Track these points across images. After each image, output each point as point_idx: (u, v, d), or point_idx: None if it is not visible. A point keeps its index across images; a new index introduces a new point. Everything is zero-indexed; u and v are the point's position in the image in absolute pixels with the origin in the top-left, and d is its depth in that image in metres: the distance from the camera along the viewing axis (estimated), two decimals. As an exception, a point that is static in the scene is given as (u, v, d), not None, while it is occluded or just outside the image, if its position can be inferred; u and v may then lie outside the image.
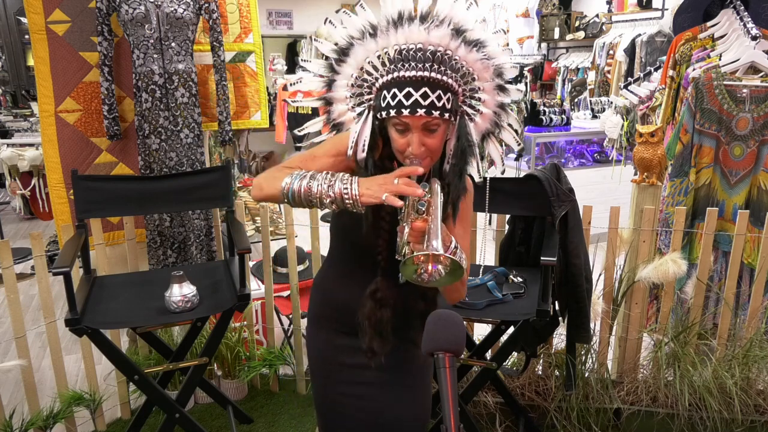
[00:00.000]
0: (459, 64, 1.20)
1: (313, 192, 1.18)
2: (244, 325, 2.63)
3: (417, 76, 1.15)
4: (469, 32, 1.20)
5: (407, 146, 1.19)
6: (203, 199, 2.36)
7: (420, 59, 1.16)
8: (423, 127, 1.17)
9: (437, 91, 1.15)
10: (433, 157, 1.22)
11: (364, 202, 1.15)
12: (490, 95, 1.27)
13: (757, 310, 2.37)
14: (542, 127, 4.93)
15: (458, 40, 1.19)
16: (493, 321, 2.13)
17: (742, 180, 2.49)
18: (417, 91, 1.14)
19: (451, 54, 1.19)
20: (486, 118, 1.29)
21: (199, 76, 2.55)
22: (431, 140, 1.19)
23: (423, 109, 1.14)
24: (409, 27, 1.18)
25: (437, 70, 1.17)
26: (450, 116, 1.18)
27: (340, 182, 1.17)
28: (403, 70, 1.17)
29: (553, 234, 2.06)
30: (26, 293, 3.85)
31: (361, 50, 1.23)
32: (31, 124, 5.06)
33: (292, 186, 1.19)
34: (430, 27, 1.17)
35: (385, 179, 1.16)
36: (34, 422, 2.19)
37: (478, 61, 1.21)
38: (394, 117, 1.17)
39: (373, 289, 1.28)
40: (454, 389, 1.10)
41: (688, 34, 2.65)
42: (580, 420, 2.28)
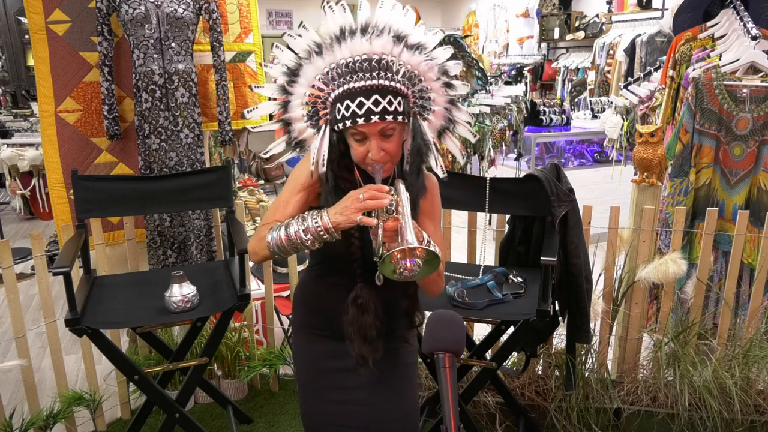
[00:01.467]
0: (404, 68, 1.25)
1: (292, 239, 1.24)
2: (244, 325, 2.63)
3: (366, 85, 1.21)
4: (409, 37, 1.25)
5: (367, 154, 1.24)
6: (203, 199, 2.36)
7: (366, 69, 1.22)
8: (379, 133, 1.22)
9: (387, 96, 1.20)
10: (394, 160, 1.27)
11: (340, 228, 1.20)
12: (438, 93, 1.33)
13: (757, 310, 2.37)
14: (542, 127, 4.93)
15: (400, 45, 1.24)
16: (493, 321, 2.13)
17: (742, 180, 2.49)
18: (368, 100, 1.19)
19: (395, 60, 1.24)
20: (439, 116, 1.35)
21: (199, 76, 2.55)
22: (389, 144, 1.23)
23: (376, 116, 1.19)
24: (352, 40, 1.23)
25: (384, 77, 1.22)
26: (403, 119, 1.23)
27: (311, 220, 1.22)
28: (352, 81, 1.22)
29: (553, 234, 2.06)
30: (26, 293, 3.85)
31: (310, 69, 1.29)
32: (31, 124, 5.06)
33: (274, 243, 1.26)
34: (372, 37, 1.23)
35: (351, 199, 1.19)
36: (34, 422, 2.19)
37: (422, 62, 1.27)
38: (350, 127, 1.22)
39: (354, 296, 1.31)
40: (454, 389, 1.10)
41: (688, 34, 2.65)
42: (580, 420, 2.28)
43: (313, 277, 1.46)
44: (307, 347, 1.47)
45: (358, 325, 1.30)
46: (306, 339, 1.47)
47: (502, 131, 3.69)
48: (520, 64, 7.82)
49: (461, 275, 2.17)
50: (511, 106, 3.73)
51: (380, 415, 1.42)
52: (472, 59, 3.59)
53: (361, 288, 1.31)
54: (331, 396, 1.43)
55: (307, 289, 1.48)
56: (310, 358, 1.47)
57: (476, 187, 2.21)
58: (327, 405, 1.44)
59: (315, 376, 1.45)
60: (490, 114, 3.59)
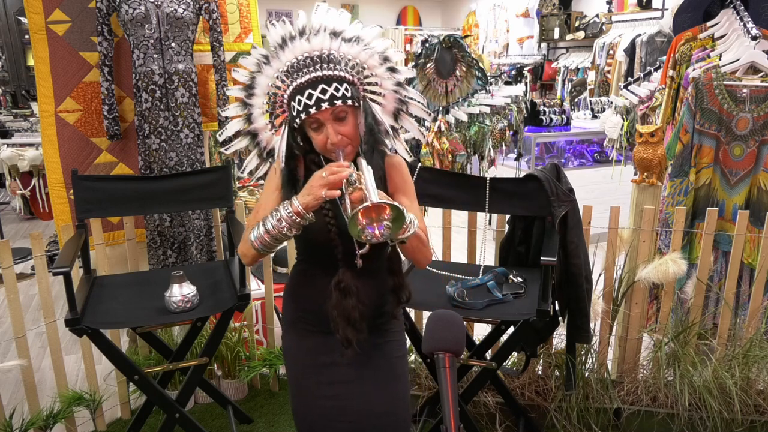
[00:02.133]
0: (345, 59, 1.37)
1: (271, 233, 1.30)
2: (244, 325, 2.63)
3: (312, 77, 1.31)
4: (345, 32, 1.39)
5: (326, 140, 1.32)
6: (203, 199, 2.36)
7: (309, 64, 1.34)
8: (333, 118, 1.31)
9: (333, 84, 1.30)
10: (354, 144, 1.35)
11: (310, 208, 1.27)
12: (384, 78, 1.44)
13: (757, 310, 2.37)
14: (542, 127, 4.93)
15: (337, 40, 1.37)
16: (493, 321, 2.13)
17: (742, 180, 2.49)
18: (316, 90, 1.29)
19: (334, 52, 1.36)
20: (390, 99, 1.47)
21: (199, 76, 2.55)
22: (344, 128, 1.32)
23: (325, 102, 1.28)
24: (293, 43, 1.36)
25: (327, 68, 1.33)
26: (353, 102, 1.32)
27: (283, 210, 1.29)
28: (299, 78, 1.33)
29: (553, 234, 2.06)
30: (26, 293, 3.85)
31: (262, 78, 1.42)
32: (31, 124, 5.06)
33: (256, 241, 1.33)
34: (310, 37, 1.36)
35: (315, 179, 1.27)
36: (34, 422, 2.19)
37: (361, 52, 1.39)
38: (306, 119, 1.31)
39: (336, 281, 1.36)
40: (454, 389, 1.10)
41: (688, 34, 2.65)
42: (580, 420, 2.28)
43: (300, 272, 1.51)
44: (298, 343, 1.51)
45: (341, 308, 1.35)
46: (296, 335, 1.51)
47: (502, 131, 3.69)
48: (520, 64, 7.83)
49: (461, 275, 2.17)
50: (511, 106, 3.73)
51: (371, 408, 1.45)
52: (472, 59, 3.59)
53: (343, 272, 1.36)
54: (322, 391, 1.46)
55: (295, 284, 1.53)
56: (301, 355, 1.50)
57: (476, 187, 2.21)
58: (318, 400, 1.47)
59: (305, 372, 1.49)
60: (490, 114, 3.60)
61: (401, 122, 1.52)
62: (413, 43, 8.97)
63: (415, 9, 10.00)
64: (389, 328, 1.51)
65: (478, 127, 3.53)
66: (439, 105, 3.56)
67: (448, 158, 3.41)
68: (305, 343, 1.49)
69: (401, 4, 9.86)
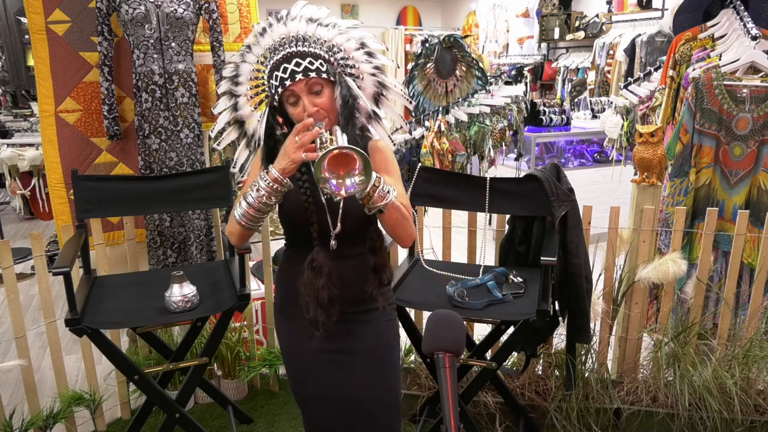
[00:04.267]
0: (320, 40, 1.43)
1: (253, 205, 1.33)
2: (244, 325, 2.63)
3: (286, 53, 1.37)
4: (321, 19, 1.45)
5: (303, 113, 1.35)
6: (203, 199, 2.36)
7: (285, 43, 1.40)
8: (308, 91, 1.35)
9: (307, 58, 1.36)
10: (331, 116, 1.38)
11: (287, 173, 1.29)
12: (362, 62, 1.49)
13: (757, 310, 2.37)
14: (542, 127, 4.93)
15: (313, 24, 1.44)
16: (493, 321, 2.13)
17: (742, 180, 2.49)
18: (290, 63, 1.34)
19: (310, 34, 1.42)
20: (368, 83, 1.51)
21: (199, 76, 2.55)
22: (320, 100, 1.36)
23: (299, 74, 1.33)
24: (271, 29, 1.44)
25: (302, 45, 1.38)
26: (328, 77, 1.37)
27: (261, 180, 1.31)
28: (275, 56, 1.38)
29: (553, 234, 2.06)
30: (26, 293, 3.85)
31: (245, 66, 1.49)
32: (31, 124, 5.06)
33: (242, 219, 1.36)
34: (286, 21, 1.43)
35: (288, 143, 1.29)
36: (34, 422, 2.19)
37: (337, 35, 1.45)
38: (283, 92, 1.35)
39: (310, 259, 1.38)
40: (454, 389, 1.10)
41: (688, 34, 2.65)
42: (580, 420, 2.28)
43: (287, 256, 1.53)
44: (287, 328, 1.54)
45: (311, 288, 1.37)
46: (286, 319, 1.54)
47: (502, 131, 3.70)
48: (520, 64, 7.82)
49: (461, 275, 2.17)
50: (511, 106, 3.73)
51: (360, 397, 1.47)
52: (472, 59, 3.59)
53: (317, 251, 1.38)
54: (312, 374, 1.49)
55: (282, 270, 1.55)
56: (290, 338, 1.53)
57: (476, 187, 2.21)
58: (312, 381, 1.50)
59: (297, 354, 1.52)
60: (490, 114, 3.60)
61: (382, 107, 1.55)
62: (413, 43, 8.97)
63: (415, 9, 10.00)
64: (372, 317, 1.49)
65: (478, 127, 3.53)
66: (439, 105, 3.56)
67: (448, 158, 3.41)
68: (295, 326, 1.51)
69: (401, 4, 9.86)
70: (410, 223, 1.40)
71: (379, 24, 9.09)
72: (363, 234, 1.43)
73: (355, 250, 1.44)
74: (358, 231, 1.41)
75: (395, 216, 1.34)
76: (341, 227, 1.35)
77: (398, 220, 1.36)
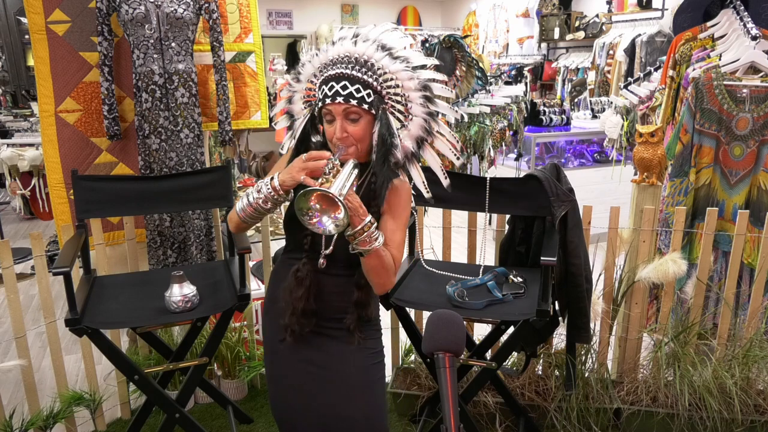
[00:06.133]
0: (381, 70, 1.38)
1: (252, 205, 1.40)
2: (244, 325, 2.63)
3: (338, 72, 1.37)
4: (393, 50, 1.39)
5: (333, 134, 1.37)
6: (203, 199, 2.36)
7: (344, 61, 1.39)
8: (345, 116, 1.35)
9: (356, 84, 1.35)
10: (359, 147, 1.39)
11: (286, 187, 1.35)
12: (417, 104, 1.41)
13: (757, 310, 2.37)
14: (542, 127, 4.93)
15: (383, 52, 1.38)
16: (493, 321, 2.13)
17: (742, 180, 2.49)
18: (338, 84, 1.35)
19: (374, 61, 1.38)
20: (416, 126, 1.43)
21: (199, 76, 2.55)
22: (353, 128, 1.36)
23: (341, 98, 1.34)
24: (342, 43, 1.41)
25: (356, 70, 1.37)
26: (369, 108, 1.36)
27: (264, 186, 1.38)
28: (330, 71, 1.39)
29: (553, 234, 2.06)
30: (26, 293, 3.85)
31: (309, 67, 1.47)
32: (31, 124, 5.06)
33: (241, 211, 1.43)
34: (358, 41, 1.40)
35: (296, 161, 1.34)
36: (34, 422, 2.19)
37: (401, 71, 1.38)
38: (322, 108, 1.37)
39: (295, 268, 1.42)
40: (454, 389, 1.10)
41: (688, 34, 2.65)
42: (580, 420, 2.28)
43: (282, 261, 1.56)
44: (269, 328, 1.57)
45: (291, 295, 1.41)
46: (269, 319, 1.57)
47: (502, 131, 3.70)
48: (520, 64, 7.82)
49: (461, 275, 2.17)
50: (511, 106, 3.73)
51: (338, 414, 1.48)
52: (472, 59, 3.59)
53: (304, 263, 1.42)
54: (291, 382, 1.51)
55: (275, 272, 1.58)
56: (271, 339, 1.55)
57: (476, 187, 2.21)
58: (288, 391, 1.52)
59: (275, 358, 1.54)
60: (490, 114, 3.60)
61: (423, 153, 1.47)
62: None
63: (415, 9, 10.00)
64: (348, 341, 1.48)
65: (478, 127, 3.53)
66: (439, 105, 3.56)
67: (448, 158, 3.41)
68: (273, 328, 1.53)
69: (401, 4, 9.86)
70: (389, 274, 1.39)
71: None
72: (351, 261, 1.42)
73: (341, 272, 1.46)
74: (347, 257, 1.40)
75: (374, 264, 1.35)
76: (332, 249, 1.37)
77: (376, 267, 1.36)
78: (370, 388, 1.50)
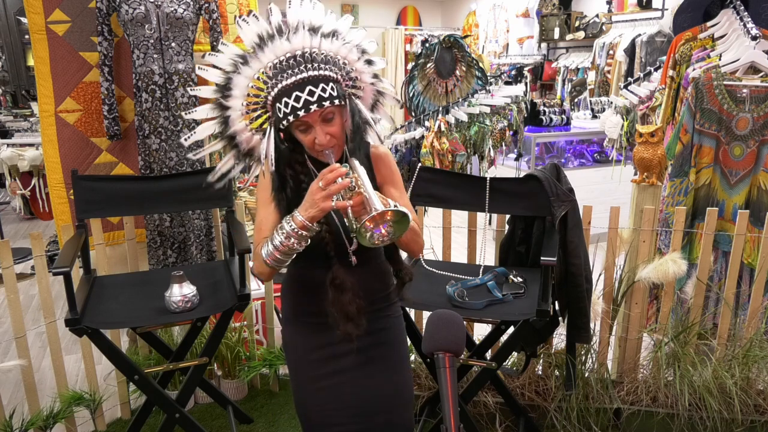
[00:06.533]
0: (326, 56, 1.33)
1: (280, 249, 1.30)
2: (244, 325, 2.63)
3: (298, 79, 1.28)
4: (323, 27, 1.34)
5: (314, 140, 1.31)
6: (203, 199, 2.36)
7: (293, 65, 1.30)
8: (321, 120, 1.30)
9: (320, 84, 1.28)
10: (340, 143, 1.35)
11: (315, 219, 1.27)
12: (363, 72, 1.42)
13: (757, 310, 2.37)
14: (542, 127, 4.93)
15: (317, 37, 1.33)
16: (493, 321, 2.13)
17: (742, 180, 2.49)
18: (303, 92, 1.27)
19: (317, 51, 1.32)
20: (368, 92, 1.45)
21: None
22: (332, 128, 1.32)
23: (314, 105, 1.27)
24: (272, 43, 1.31)
25: (312, 68, 1.30)
26: (340, 102, 1.31)
27: (287, 225, 1.28)
28: (284, 79, 1.29)
29: (553, 234, 2.06)
30: (26, 293, 3.85)
31: (240, 79, 1.34)
32: (31, 124, 5.06)
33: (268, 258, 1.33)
34: (289, 36, 1.31)
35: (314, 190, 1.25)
36: (34, 422, 2.19)
37: (341, 47, 1.36)
38: (294, 121, 1.29)
39: (331, 278, 1.38)
40: (454, 389, 1.10)
41: (688, 34, 2.65)
42: (580, 420, 2.28)
43: (297, 269, 1.52)
44: (298, 337, 1.53)
45: (338, 304, 1.37)
46: (296, 329, 1.54)
47: (502, 131, 3.69)
48: (520, 64, 7.82)
49: (461, 275, 2.17)
50: (511, 106, 3.73)
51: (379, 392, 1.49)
52: (472, 59, 3.59)
53: (336, 269, 1.38)
54: (324, 382, 1.49)
55: (293, 281, 1.54)
56: (302, 347, 1.52)
57: (476, 187, 2.21)
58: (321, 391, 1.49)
59: (308, 364, 1.51)
60: (490, 114, 3.59)
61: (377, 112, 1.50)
62: (413, 43, 8.97)
63: (415, 9, 10.00)
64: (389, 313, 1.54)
65: (478, 127, 3.53)
66: (439, 105, 3.56)
67: (448, 158, 3.41)
68: (305, 337, 1.51)
69: (401, 4, 9.86)
70: (421, 236, 1.46)
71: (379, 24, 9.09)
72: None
73: (371, 258, 1.47)
74: None
75: (410, 236, 1.39)
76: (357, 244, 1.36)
77: (412, 238, 1.41)
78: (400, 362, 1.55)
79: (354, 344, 1.41)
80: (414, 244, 1.45)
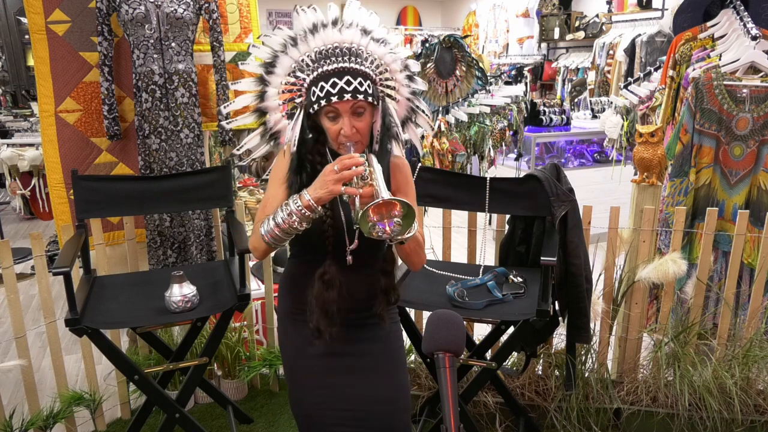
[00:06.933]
0: (371, 57, 1.40)
1: (282, 227, 1.31)
2: (244, 325, 2.63)
3: (339, 67, 1.33)
4: (374, 32, 1.41)
5: (340, 131, 1.33)
6: (203, 199, 2.36)
7: (338, 54, 1.36)
8: (351, 111, 1.32)
9: (358, 78, 1.32)
10: (364, 140, 1.37)
11: (323, 202, 1.28)
12: (401, 84, 1.48)
13: (757, 310, 2.37)
14: (542, 127, 4.93)
15: (367, 37, 1.39)
16: (493, 321, 2.13)
17: (742, 180, 2.49)
18: (341, 80, 1.31)
19: (363, 48, 1.39)
20: (402, 106, 1.51)
21: (199, 76, 2.55)
22: (360, 123, 1.34)
23: (349, 94, 1.30)
24: (324, 31, 1.38)
25: (354, 61, 1.35)
26: (373, 100, 1.34)
27: (293, 204, 1.29)
28: (325, 65, 1.35)
29: (553, 234, 2.06)
30: (26, 293, 3.85)
31: (285, 59, 1.41)
32: (31, 124, 5.06)
33: (266, 235, 1.33)
34: (342, 28, 1.38)
35: (328, 173, 1.26)
36: (34, 422, 2.19)
37: (387, 54, 1.42)
38: (326, 106, 1.32)
39: (321, 272, 1.37)
40: (454, 389, 1.10)
41: (688, 34, 2.65)
42: (580, 420, 2.28)
43: (296, 265, 1.52)
44: (294, 335, 1.52)
45: (320, 299, 1.36)
46: (293, 327, 1.53)
47: (502, 131, 3.69)
48: (520, 64, 7.83)
49: (461, 275, 2.17)
50: (511, 106, 3.73)
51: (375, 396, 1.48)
52: (472, 59, 3.59)
53: (329, 264, 1.37)
54: (320, 381, 1.48)
55: (291, 278, 1.54)
56: (298, 345, 1.51)
57: (476, 187, 2.21)
58: (317, 390, 1.48)
59: (303, 362, 1.50)
60: (490, 114, 3.60)
61: (406, 130, 1.54)
62: (413, 43, 8.97)
63: (415, 9, 10.00)
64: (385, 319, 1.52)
65: (478, 127, 3.53)
66: (439, 105, 3.56)
67: (448, 158, 3.41)
68: (300, 334, 1.50)
69: (401, 4, 9.86)
70: (424, 250, 1.46)
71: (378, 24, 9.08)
72: (376, 253, 1.44)
73: (365, 266, 1.44)
74: (372, 249, 1.41)
75: (413, 246, 1.39)
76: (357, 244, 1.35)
77: (415, 249, 1.42)
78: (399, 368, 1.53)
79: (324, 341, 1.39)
80: (416, 255, 1.45)
